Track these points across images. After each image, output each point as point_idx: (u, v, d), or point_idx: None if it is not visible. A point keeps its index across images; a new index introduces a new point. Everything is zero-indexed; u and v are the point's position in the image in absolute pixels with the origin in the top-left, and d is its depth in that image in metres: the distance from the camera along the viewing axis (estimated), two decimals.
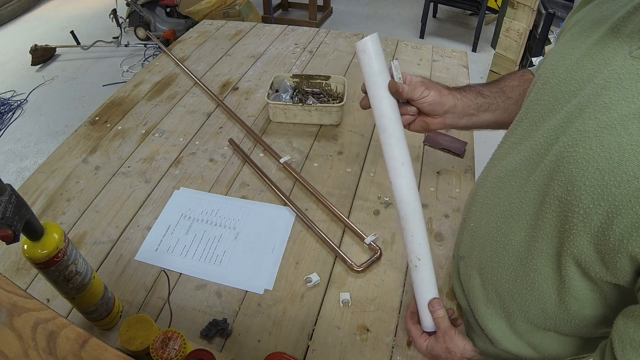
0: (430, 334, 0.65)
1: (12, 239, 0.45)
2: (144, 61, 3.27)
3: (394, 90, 0.62)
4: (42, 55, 3.23)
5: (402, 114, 0.67)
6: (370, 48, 0.60)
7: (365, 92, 0.64)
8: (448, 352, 0.62)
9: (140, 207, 0.91)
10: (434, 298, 0.64)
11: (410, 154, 0.64)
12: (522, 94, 0.73)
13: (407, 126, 0.71)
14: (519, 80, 0.74)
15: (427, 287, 0.64)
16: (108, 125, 1.15)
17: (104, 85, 3.01)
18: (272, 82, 1.17)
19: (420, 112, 0.69)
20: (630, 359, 0.42)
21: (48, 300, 0.73)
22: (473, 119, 0.71)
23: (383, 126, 0.62)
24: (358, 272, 0.78)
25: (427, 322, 0.64)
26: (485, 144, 1.84)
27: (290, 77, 1.20)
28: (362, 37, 1.56)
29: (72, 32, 3.32)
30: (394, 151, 0.62)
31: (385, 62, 0.62)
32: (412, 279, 0.65)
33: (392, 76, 0.63)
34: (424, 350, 0.65)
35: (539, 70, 0.58)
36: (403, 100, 0.67)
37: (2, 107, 2.78)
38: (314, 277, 0.76)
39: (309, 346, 0.68)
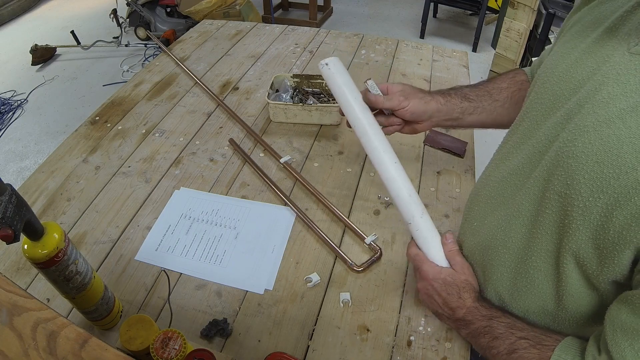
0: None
1: (12, 239, 0.45)
2: (144, 61, 3.27)
3: (367, 100, 0.68)
4: (43, 55, 3.24)
5: (388, 125, 0.73)
6: (332, 65, 0.67)
7: (342, 113, 0.69)
8: (467, 284, 0.60)
9: (141, 207, 0.91)
10: (447, 231, 0.64)
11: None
12: (511, 96, 0.75)
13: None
14: (509, 82, 0.76)
15: (413, 202, 0.64)
16: (108, 125, 1.15)
17: (104, 85, 3.01)
18: (273, 82, 1.17)
19: (405, 121, 0.73)
20: (620, 343, 0.42)
21: (48, 300, 0.73)
22: (458, 121, 0.75)
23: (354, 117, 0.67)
24: (358, 272, 0.78)
25: (438, 255, 0.63)
26: (485, 144, 1.84)
27: (291, 77, 1.20)
28: (362, 37, 1.56)
29: (72, 32, 3.32)
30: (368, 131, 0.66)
31: (348, 76, 0.67)
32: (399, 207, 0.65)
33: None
34: (431, 275, 0.62)
35: (539, 70, 0.59)
36: (387, 112, 0.72)
37: (2, 107, 2.78)
38: (314, 277, 0.76)
39: (309, 346, 0.68)
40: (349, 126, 0.68)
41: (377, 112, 0.72)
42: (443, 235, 0.64)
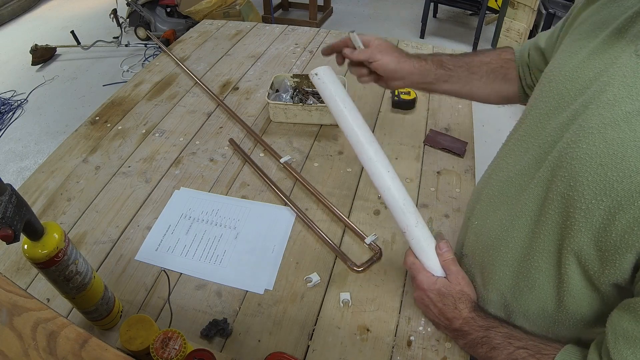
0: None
1: (12, 239, 0.45)
2: (144, 61, 3.27)
3: (344, 53, 0.74)
4: (43, 55, 3.24)
5: (359, 75, 0.79)
6: (322, 75, 0.67)
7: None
8: (462, 294, 0.60)
9: (141, 207, 0.91)
10: (442, 240, 0.62)
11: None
12: (491, 71, 0.77)
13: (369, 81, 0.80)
14: (492, 58, 0.78)
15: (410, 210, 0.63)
16: (108, 125, 1.15)
17: (104, 85, 3.01)
18: (273, 82, 1.17)
19: (380, 75, 0.77)
20: (622, 351, 0.42)
21: (48, 300, 0.73)
22: (432, 87, 0.78)
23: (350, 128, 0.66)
24: (358, 272, 0.78)
25: (434, 264, 0.62)
26: (485, 144, 1.84)
27: (291, 77, 1.20)
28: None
29: (72, 32, 3.32)
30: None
31: (339, 84, 0.67)
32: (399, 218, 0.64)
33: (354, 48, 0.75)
34: (426, 286, 0.62)
35: (546, 68, 0.58)
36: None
37: (2, 107, 2.78)
38: (314, 277, 0.76)
39: (309, 346, 0.68)
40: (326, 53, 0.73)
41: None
42: (437, 244, 0.63)
